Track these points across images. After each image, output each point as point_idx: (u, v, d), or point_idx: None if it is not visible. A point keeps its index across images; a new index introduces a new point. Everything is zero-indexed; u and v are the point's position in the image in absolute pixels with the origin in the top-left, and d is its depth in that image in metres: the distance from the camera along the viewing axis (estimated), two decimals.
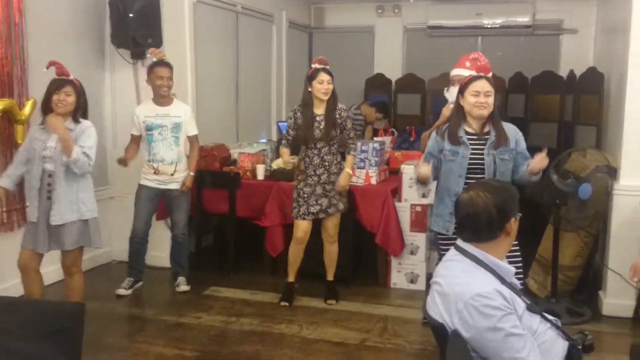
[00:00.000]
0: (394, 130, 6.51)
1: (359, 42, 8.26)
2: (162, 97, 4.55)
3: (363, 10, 7.98)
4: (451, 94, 3.80)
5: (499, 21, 7.36)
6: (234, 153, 5.46)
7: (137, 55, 5.03)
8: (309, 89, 4.25)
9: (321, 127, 4.25)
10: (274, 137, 6.86)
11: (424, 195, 4.73)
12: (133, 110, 4.65)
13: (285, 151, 4.33)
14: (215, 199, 5.12)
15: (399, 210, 4.77)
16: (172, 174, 4.58)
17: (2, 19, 4.10)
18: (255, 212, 5.03)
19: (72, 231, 3.64)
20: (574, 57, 7.00)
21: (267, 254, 5.06)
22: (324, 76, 4.19)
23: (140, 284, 4.78)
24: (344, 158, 4.43)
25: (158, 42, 4.96)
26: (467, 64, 3.77)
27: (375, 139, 5.97)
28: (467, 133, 3.25)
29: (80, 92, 3.69)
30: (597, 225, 4.50)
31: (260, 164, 5.23)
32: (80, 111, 3.69)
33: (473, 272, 2.04)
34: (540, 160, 3.13)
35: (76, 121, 3.67)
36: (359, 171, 4.90)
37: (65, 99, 3.60)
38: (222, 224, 5.29)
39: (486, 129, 3.24)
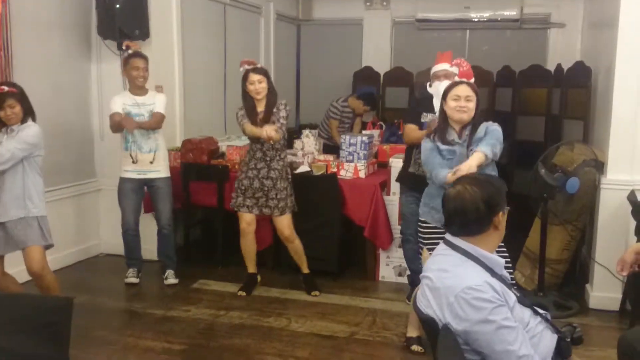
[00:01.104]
0: (382, 124, 6.50)
1: (347, 34, 8.24)
2: (138, 88, 4.52)
3: (351, 3, 7.96)
4: (435, 88, 3.80)
5: (486, 15, 7.38)
6: (222, 146, 5.43)
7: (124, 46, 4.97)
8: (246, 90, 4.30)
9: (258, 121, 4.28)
10: None
11: None
12: (111, 99, 4.57)
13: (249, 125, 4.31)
14: (203, 192, 5.09)
15: (388, 204, 4.76)
16: (150, 162, 4.55)
17: None
18: None
19: (26, 229, 3.52)
20: (561, 50, 7.04)
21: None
22: (254, 77, 4.24)
23: (140, 274, 4.80)
24: (331, 152, 4.40)
25: (145, 34, 4.92)
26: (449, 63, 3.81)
27: (363, 132, 5.96)
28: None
29: (22, 98, 3.55)
30: (584, 218, 4.53)
31: None
32: (29, 115, 3.58)
33: (463, 265, 2.05)
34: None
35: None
36: (348, 164, 4.90)
37: (12, 112, 3.49)
38: (210, 217, 5.26)
39: (465, 134, 3.26)
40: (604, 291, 4.28)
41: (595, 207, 4.35)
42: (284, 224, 4.41)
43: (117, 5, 4.68)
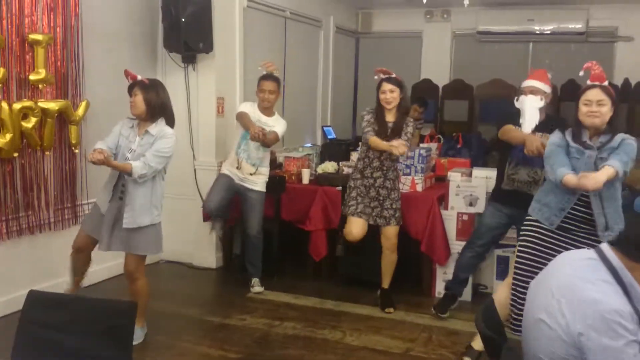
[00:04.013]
0: (441, 137, 6.43)
1: (406, 47, 8.22)
2: (264, 108, 4.67)
3: (411, 16, 7.94)
4: (521, 103, 3.75)
5: (551, 27, 7.22)
6: (280, 157, 5.49)
7: (189, 59, 5.11)
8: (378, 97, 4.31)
9: (389, 133, 4.25)
10: (319, 142, 6.87)
11: (471, 204, 4.66)
12: (241, 104, 4.81)
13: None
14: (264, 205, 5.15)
15: (445, 219, 4.70)
16: (251, 174, 4.66)
17: (60, 22, 4.23)
18: (299, 216, 5.04)
19: (142, 236, 3.60)
20: (629, 65, 6.83)
21: (311, 258, 5.06)
22: (386, 86, 4.24)
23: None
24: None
25: (209, 47, 5.03)
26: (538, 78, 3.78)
27: (421, 145, 5.91)
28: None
29: (148, 91, 3.54)
30: None
31: (305, 169, 5.25)
32: (161, 116, 3.59)
33: (611, 285, 1.92)
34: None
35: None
36: (405, 177, 4.86)
37: (133, 100, 3.54)
38: (267, 227, 5.31)
39: (599, 140, 3.16)
40: None
41: None
42: (392, 233, 4.38)
43: (183, 19, 4.80)
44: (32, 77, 4.05)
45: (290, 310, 4.44)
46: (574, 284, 1.92)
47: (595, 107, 3.10)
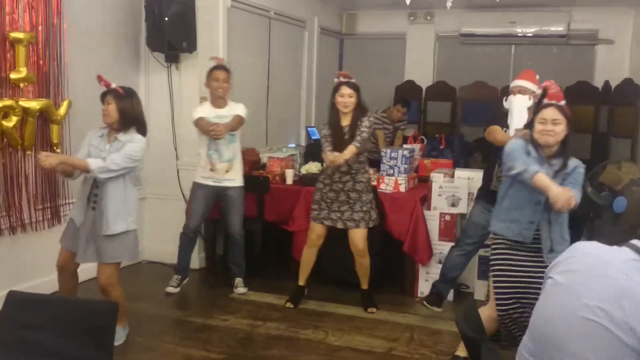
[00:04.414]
0: (424, 138, 6.47)
1: (390, 48, 8.26)
2: (218, 98, 4.61)
3: (395, 17, 7.98)
4: (509, 102, 3.78)
5: (533, 30, 7.30)
6: (264, 157, 5.48)
7: (172, 58, 5.09)
8: (334, 101, 4.30)
9: (345, 137, 4.26)
10: (303, 142, 6.88)
11: (453, 205, 4.70)
12: (193, 110, 4.67)
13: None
14: (244, 203, 5.14)
15: (428, 219, 4.73)
16: (226, 171, 4.63)
17: (42, 21, 4.19)
18: (283, 217, 5.04)
19: (118, 243, 3.55)
20: (609, 67, 6.92)
21: (294, 259, 5.05)
22: (345, 90, 4.24)
23: (186, 280, 4.87)
24: (372, 166, 4.39)
25: (192, 46, 5.02)
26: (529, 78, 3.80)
27: (404, 146, 5.95)
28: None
29: (121, 101, 3.55)
30: (631, 239, 4.40)
31: (289, 169, 5.25)
32: (133, 125, 3.58)
33: None
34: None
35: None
36: (388, 178, 4.89)
37: (106, 108, 3.53)
38: (250, 227, 5.31)
39: (554, 163, 3.15)
40: None
41: None
42: (361, 236, 4.37)
43: (166, 18, 4.79)
44: (13, 75, 4.01)
45: (273, 311, 4.44)
46: (631, 287, 1.88)
47: (550, 125, 3.08)
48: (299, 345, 3.88)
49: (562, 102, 3.18)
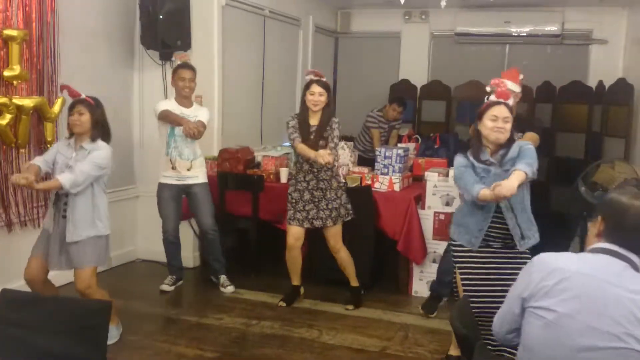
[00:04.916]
0: (418, 137, 6.48)
1: (385, 47, 8.25)
2: (184, 98, 4.60)
3: (390, 16, 7.97)
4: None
5: (527, 29, 7.31)
6: (258, 156, 5.48)
7: (166, 56, 5.08)
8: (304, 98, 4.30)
9: (312, 137, 4.27)
10: None
11: (447, 204, 4.70)
12: (157, 103, 4.63)
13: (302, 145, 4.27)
14: (239, 201, 5.14)
15: (422, 218, 4.74)
16: (188, 169, 4.61)
17: (35, 18, 4.17)
18: (277, 216, 5.03)
19: (87, 248, 3.54)
20: (603, 67, 6.93)
21: None
22: (316, 88, 4.23)
23: (181, 282, 4.87)
24: (367, 164, 4.36)
25: (187, 45, 5.01)
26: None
27: (399, 145, 5.95)
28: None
29: (95, 111, 3.57)
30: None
31: (284, 168, 5.24)
32: (100, 135, 3.61)
33: None
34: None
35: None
36: (382, 177, 4.89)
37: (78, 118, 3.51)
38: (245, 226, 5.31)
39: (499, 154, 3.23)
40: None
41: None
42: (330, 233, 4.38)
43: (160, 16, 4.78)
44: (6, 73, 3.99)
45: (268, 310, 4.44)
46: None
47: (501, 123, 3.16)
48: (293, 344, 3.89)
49: (510, 101, 3.26)
